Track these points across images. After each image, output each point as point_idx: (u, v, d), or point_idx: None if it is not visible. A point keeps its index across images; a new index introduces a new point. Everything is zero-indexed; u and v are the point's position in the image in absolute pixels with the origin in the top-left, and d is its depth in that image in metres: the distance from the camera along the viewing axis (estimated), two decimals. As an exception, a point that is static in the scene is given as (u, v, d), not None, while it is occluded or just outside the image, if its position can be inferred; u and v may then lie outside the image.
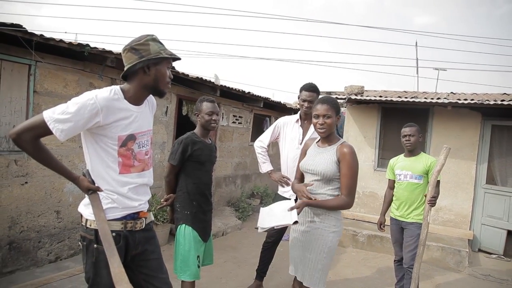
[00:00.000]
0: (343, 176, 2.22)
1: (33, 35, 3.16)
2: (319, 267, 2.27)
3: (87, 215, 1.67)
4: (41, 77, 3.59)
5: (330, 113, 2.26)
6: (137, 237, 1.76)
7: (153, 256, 1.86)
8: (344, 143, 2.29)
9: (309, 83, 3.34)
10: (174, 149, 2.72)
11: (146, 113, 1.79)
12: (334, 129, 2.34)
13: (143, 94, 1.73)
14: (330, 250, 2.28)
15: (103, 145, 1.64)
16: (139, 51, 1.63)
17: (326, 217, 2.28)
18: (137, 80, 1.68)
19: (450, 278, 4.45)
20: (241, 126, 7.31)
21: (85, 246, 1.68)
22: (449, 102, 5.09)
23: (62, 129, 1.51)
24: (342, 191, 2.23)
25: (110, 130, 1.62)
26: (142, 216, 1.79)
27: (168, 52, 1.69)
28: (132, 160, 1.71)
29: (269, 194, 7.59)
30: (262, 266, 3.58)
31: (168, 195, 2.82)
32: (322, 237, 2.26)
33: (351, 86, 6.10)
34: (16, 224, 3.49)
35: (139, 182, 1.76)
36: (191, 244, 2.66)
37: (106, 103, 1.57)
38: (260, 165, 3.59)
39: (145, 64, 1.63)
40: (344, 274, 4.36)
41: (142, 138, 1.75)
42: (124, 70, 1.67)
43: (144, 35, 1.67)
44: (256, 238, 5.34)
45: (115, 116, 1.61)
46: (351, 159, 2.21)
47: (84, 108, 1.52)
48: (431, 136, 5.72)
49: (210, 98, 2.82)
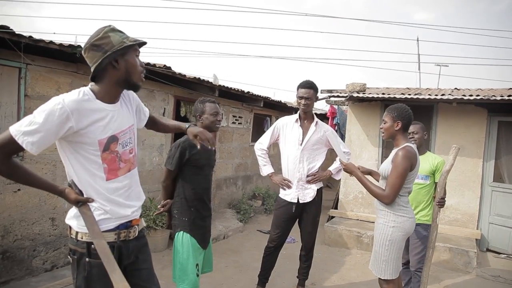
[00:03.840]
0: (389, 174, 2.45)
1: (21, 36, 3.04)
2: (383, 258, 2.52)
3: (77, 227, 1.56)
4: (32, 80, 3.47)
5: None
6: (130, 246, 1.67)
7: (144, 265, 1.77)
8: (404, 147, 2.48)
9: (305, 80, 3.24)
10: (171, 153, 2.62)
11: (124, 109, 1.66)
12: (397, 132, 2.55)
13: (117, 91, 1.60)
14: (391, 244, 2.48)
15: (84, 153, 1.51)
16: (100, 46, 1.49)
17: (385, 213, 2.53)
18: (107, 77, 1.54)
19: (459, 280, 4.32)
20: (241, 126, 7.19)
21: (76, 260, 1.57)
22: (454, 99, 4.95)
23: (33, 142, 1.37)
24: (385, 186, 2.47)
25: (87, 135, 1.49)
26: (135, 223, 1.70)
27: (132, 39, 1.56)
28: (118, 163, 1.61)
29: (271, 195, 7.47)
30: (264, 272, 3.46)
31: (165, 200, 2.72)
32: (383, 231, 2.52)
33: (352, 84, 5.97)
34: (9, 233, 3.38)
35: (128, 185, 1.66)
36: (190, 252, 2.56)
37: (75, 105, 1.44)
38: (260, 168, 3.48)
39: (111, 58, 1.50)
40: (349, 278, 4.23)
41: (125, 136, 1.63)
42: (91, 72, 1.52)
43: (101, 28, 1.53)
44: (259, 241, 5.23)
45: (88, 118, 1.48)
46: (399, 160, 2.41)
47: (52, 115, 1.38)
48: (436, 134, 5.58)
49: (211, 99, 2.74)
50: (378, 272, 2.56)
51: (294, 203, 3.29)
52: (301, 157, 3.27)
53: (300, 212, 3.35)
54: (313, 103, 3.31)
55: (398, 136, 2.57)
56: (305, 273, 3.56)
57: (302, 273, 3.57)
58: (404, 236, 2.53)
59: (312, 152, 3.29)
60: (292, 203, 3.29)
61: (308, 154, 3.28)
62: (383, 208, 2.54)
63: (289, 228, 3.42)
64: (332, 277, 4.22)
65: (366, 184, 2.56)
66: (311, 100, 3.24)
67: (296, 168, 3.28)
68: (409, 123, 2.58)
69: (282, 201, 3.36)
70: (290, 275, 3.99)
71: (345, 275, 4.32)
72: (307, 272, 3.57)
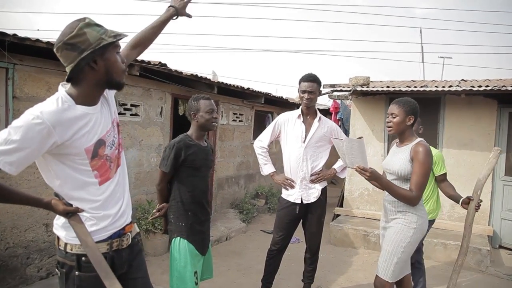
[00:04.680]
0: (413, 173, 2.30)
1: (5, 35, 2.87)
2: (395, 260, 2.36)
3: (66, 238, 1.43)
4: (20, 81, 3.32)
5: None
6: (123, 255, 1.54)
7: (139, 274, 1.65)
8: (419, 142, 2.35)
9: (308, 73, 3.07)
10: (166, 155, 2.46)
11: (105, 108, 1.51)
12: (407, 127, 2.40)
13: (98, 92, 1.45)
14: (408, 245, 2.36)
15: (71, 163, 1.37)
16: (76, 45, 1.32)
17: (407, 214, 2.38)
18: (86, 79, 1.38)
19: (472, 279, 4.14)
20: (242, 124, 7.02)
21: (64, 274, 1.44)
22: (463, 90, 4.75)
23: (11, 162, 1.22)
24: (410, 187, 2.30)
25: (72, 145, 1.34)
26: (127, 230, 1.58)
27: (111, 34, 1.38)
28: (108, 164, 1.48)
29: (275, 193, 7.31)
30: (268, 276, 3.29)
31: (160, 204, 2.57)
32: (402, 232, 2.37)
33: (356, 77, 5.79)
34: (1, 241, 3.23)
35: (120, 183, 1.55)
36: (187, 259, 2.41)
37: (56, 117, 1.28)
38: (261, 167, 3.31)
39: (89, 59, 1.33)
40: (356, 279, 4.07)
41: (110, 137, 1.49)
42: (67, 74, 1.36)
43: (75, 23, 1.33)
44: (262, 242, 5.07)
45: (72, 128, 1.33)
46: (422, 157, 2.27)
47: (30, 131, 1.23)
48: (444, 127, 5.39)
49: (205, 96, 2.57)
50: (384, 275, 2.39)
51: (297, 203, 3.12)
52: (304, 155, 3.09)
53: (304, 213, 3.18)
54: (316, 97, 3.14)
55: (408, 132, 2.43)
56: (310, 276, 3.39)
57: (307, 277, 3.40)
58: (421, 237, 2.46)
59: (316, 150, 3.11)
60: (295, 204, 3.12)
61: (312, 151, 3.11)
62: (404, 209, 2.40)
63: (292, 230, 3.25)
64: (338, 279, 4.06)
65: (393, 189, 2.33)
66: (314, 94, 3.07)
67: (299, 167, 3.11)
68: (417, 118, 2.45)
69: (285, 202, 3.19)
70: (295, 278, 3.82)
71: (352, 276, 4.15)
72: (312, 275, 3.40)
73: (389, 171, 2.50)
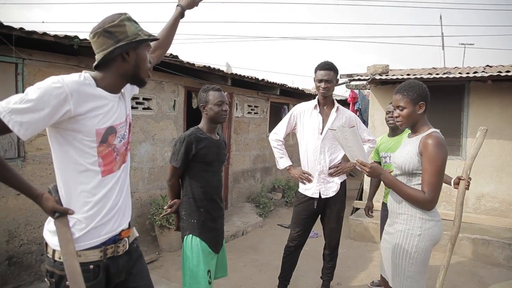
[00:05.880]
0: (424, 170, 1.94)
1: (11, 28, 2.82)
2: (408, 274, 2.01)
3: (55, 245, 1.33)
4: (30, 76, 3.27)
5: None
6: (120, 262, 1.45)
7: (140, 281, 1.55)
8: (431, 133, 1.97)
9: (324, 61, 2.91)
10: (176, 149, 2.35)
11: (122, 103, 1.49)
12: (420, 117, 2.04)
13: (122, 83, 1.47)
14: (418, 256, 1.99)
15: (78, 144, 1.31)
16: (114, 34, 1.36)
17: (409, 218, 2.02)
18: (115, 68, 1.41)
19: (500, 277, 3.92)
20: (257, 116, 6.89)
21: (54, 284, 1.35)
22: (489, 76, 4.49)
23: (21, 122, 1.17)
24: (422, 187, 1.94)
25: (84, 122, 1.30)
26: (124, 236, 1.48)
27: (146, 33, 1.44)
28: (114, 155, 1.42)
29: (292, 187, 7.16)
30: (285, 274, 3.18)
31: (172, 201, 2.47)
32: (406, 241, 2.01)
33: (374, 66, 5.58)
34: (15, 238, 3.22)
35: (122, 180, 1.48)
36: (200, 257, 2.31)
37: (76, 86, 1.27)
38: (277, 161, 3.17)
39: (124, 49, 1.38)
40: (377, 275, 3.85)
41: (122, 130, 1.46)
42: (97, 59, 1.37)
43: (117, 14, 1.40)
44: (279, 236, 4.96)
45: (88, 104, 1.31)
46: (433, 152, 1.90)
47: (48, 94, 1.20)
48: (468, 116, 5.12)
49: (215, 87, 2.43)
50: None
51: (315, 198, 2.98)
52: (322, 148, 2.94)
53: (322, 208, 3.04)
54: (334, 86, 2.97)
55: (421, 121, 2.05)
56: (329, 273, 3.26)
57: (326, 274, 3.26)
58: (433, 245, 2.03)
59: (334, 142, 2.95)
60: (313, 199, 2.99)
61: (330, 143, 2.95)
62: (405, 211, 2.04)
63: (310, 226, 3.12)
64: (359, 275, 3.91)
65: (400, 188, 1.99)
66: (332, 83, 2.91)
67: (317, 160, 2.96)
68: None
69: (302, 197, 3.05)
70: (314, 274, 3.70)
71: (373, 272, 3.99)
72: (331, 272, 3.26)
73: (394, 165, 2.18)
